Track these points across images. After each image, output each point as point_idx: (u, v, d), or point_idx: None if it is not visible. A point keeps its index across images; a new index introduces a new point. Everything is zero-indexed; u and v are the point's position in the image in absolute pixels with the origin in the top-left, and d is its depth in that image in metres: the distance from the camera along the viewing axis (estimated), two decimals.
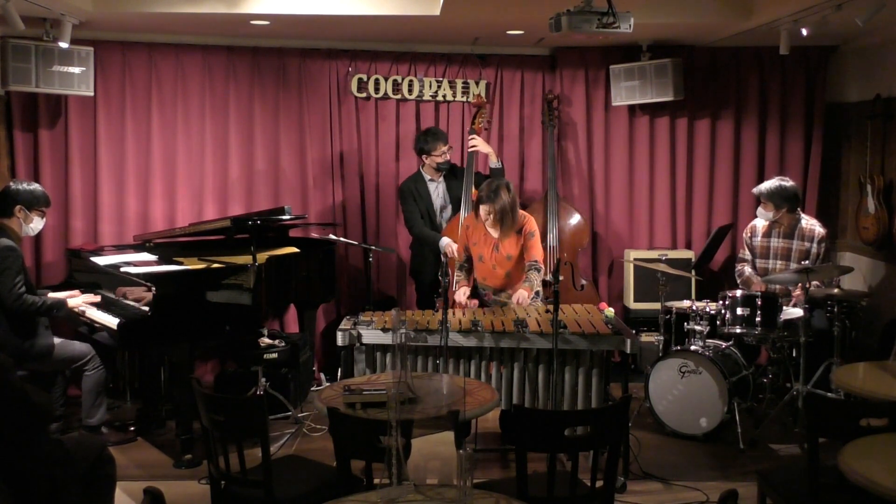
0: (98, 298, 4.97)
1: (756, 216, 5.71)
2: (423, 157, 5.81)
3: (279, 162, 6.26)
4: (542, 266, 4.89)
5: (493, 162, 5.85)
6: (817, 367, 5.17)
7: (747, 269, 5.65)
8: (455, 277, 5.11)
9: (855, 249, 6.28)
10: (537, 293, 4.92)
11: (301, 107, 6.25)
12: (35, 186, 4.91)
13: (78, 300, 4.93)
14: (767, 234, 5.61)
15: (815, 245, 5.46)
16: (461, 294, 4.89)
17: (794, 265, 5.44)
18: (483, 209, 4.77)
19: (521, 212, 4.91)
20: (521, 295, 4.73)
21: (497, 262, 4.90)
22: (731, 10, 5.32)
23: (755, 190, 5.63)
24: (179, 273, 5.02)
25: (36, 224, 4.87)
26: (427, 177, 5.86)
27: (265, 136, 6.23)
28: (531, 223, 4.89)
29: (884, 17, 4.66)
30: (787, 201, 5.45)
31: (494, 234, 4.88)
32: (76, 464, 3.19)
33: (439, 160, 5.76)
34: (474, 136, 5.85)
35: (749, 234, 5.73)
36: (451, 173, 5.91)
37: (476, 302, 5.05)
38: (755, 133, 6.49)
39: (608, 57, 6.34)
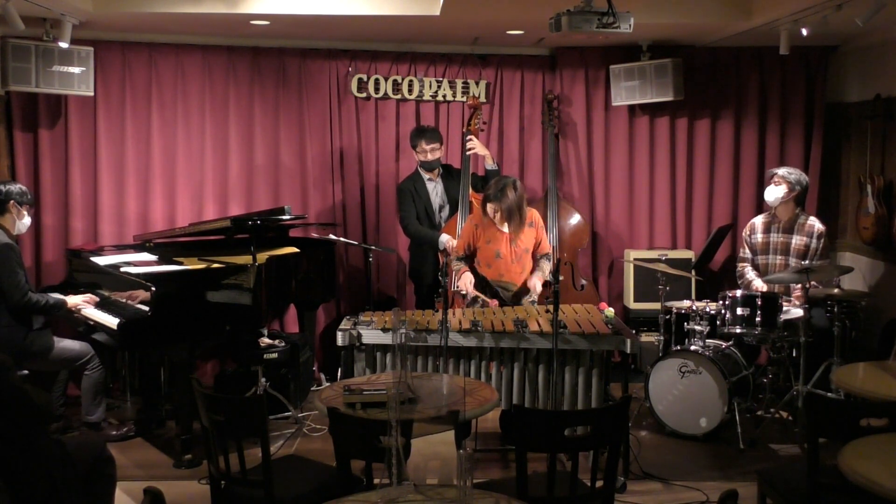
0: (97, 299, 4.97)
1: (754, 215, 5.71)
2: (414, 153, 5.83)
3: (279, 162, 6.26)
4: (553, 257, 5.14)
5: (489, 164, 5.85)
6: (817, 367, 5.17)
7: (748, 271, 5.66)
8: (454, 267, 5.09)
9: (855, 249, 6.28)
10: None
11: (301, 106, 6.25)
12: (19, 184, 4.98)
13: (77, 299, 4.93)
14: (767, 230, 5.63)
15: (814, 240, 5.48)
16: (466, 280, 4.91)
17: (793, 260, 5.47)
18: (490, 207, 4.87)
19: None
20: (535, 282, 4.97)
21: (516, 256, 4.97)
22: (731, 10, 5.32)
23: (774, 169, 5.63)
24: (179, 273, 5.02)
25: (26, 220, 4.93)
26: (425, 176, 5.86)
27: (265, 136, 6.23)
28: (536, 214, 5.06)
29: (884, 17, 4.66)
30: (800, 186, 5.50)
31: (506, 230, 4.92)
32: (76, 464, 3.19)
33: (421, 157, 5.76)
34: (471, 137, 5.86)
35: (749, 232, 5.74)
36: (448, 173, 5.92)
37: (493, 301, 4.99)
38: (755, 133, 6.49)
39: (608, 57, 6.34)
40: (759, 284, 5.49)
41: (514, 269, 4.99)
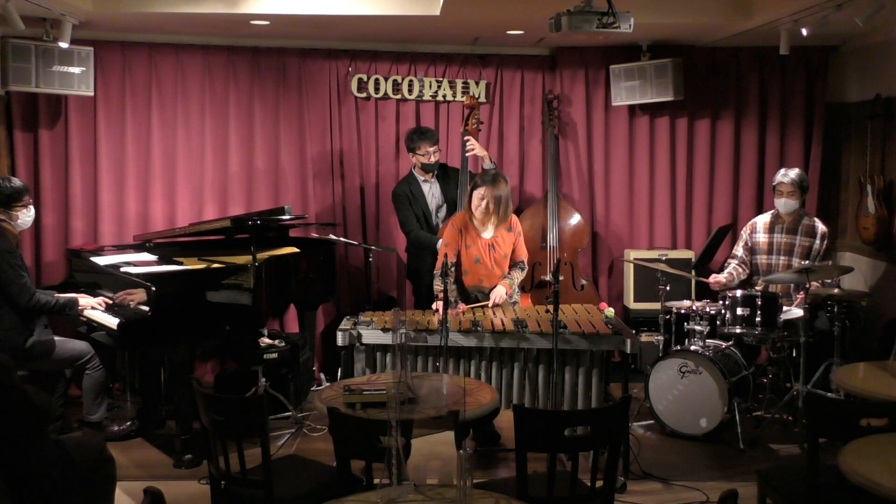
0: (109, 301, 4.94)
1: (754, 215, 5.71)
2: (411, 155, 5.82)
3: (279, 162, 6.26)
4: (527, 266, 5.05)
5: (487, 164, 5.85)
6: (817, 367, 5.17)
7: (730, 263, 5.68)
8: (435, 289, 4.97)
9: (855, 249, 6.28)
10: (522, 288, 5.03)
11: (301, 107, 6.25)
12: (13, 181, 4.82)
13: (90, 300, 4.92)
14: (770, 230, 5.63)
15: (817, 241, 5.49)
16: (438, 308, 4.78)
17: (796, 261, 5.47)
18: (478, 193, 4.77)
19: None
20: (499, 292, 4.81)
21: (496, 262, 4.91)
22: (731, 10, 5.32)
23: (782, 178, 5.53)
24: (179, 273, 5.02)
25: (24, 218, 4.85)
26: (420, 178, 5.84)
27: (265, 136, 6.23)
28: (518, 222, 5.02)
29: (884, 17, 4.67)
30: (805, 191, 5.54)
31: (487, 234, 4.88)
32: (76, 464, 3.19)
33: (423, 160, 5.75)
34: (469, 137, 5.85)
35: (749, 231, 5.73)
36: (444, 173, 5.91)
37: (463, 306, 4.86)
38: (755, 133, 6.49)
39: (608, 57, 6.34)
40: (721, 277, 5.53)
41: (495, 273, 4.91)
